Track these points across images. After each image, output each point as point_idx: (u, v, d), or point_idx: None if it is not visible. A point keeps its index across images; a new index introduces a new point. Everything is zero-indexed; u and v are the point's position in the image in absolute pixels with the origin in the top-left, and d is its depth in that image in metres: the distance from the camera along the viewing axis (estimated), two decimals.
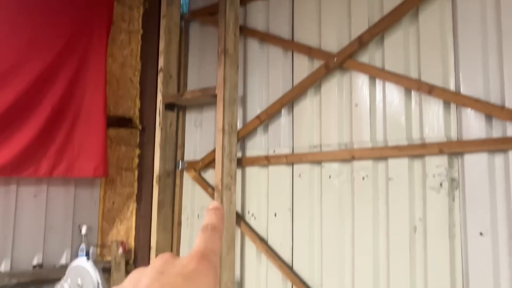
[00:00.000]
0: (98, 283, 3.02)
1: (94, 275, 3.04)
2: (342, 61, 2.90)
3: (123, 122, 3.72)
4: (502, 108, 2.35)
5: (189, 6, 4.01)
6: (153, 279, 0.39)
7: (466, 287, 2.37)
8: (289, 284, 3.01)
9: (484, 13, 2.48)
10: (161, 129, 3.55)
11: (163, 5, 3.68)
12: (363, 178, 2.78)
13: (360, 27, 2.88)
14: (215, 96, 3.24)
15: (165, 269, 0.40)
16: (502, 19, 2.41)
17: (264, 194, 3.21)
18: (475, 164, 2.42)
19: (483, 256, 2.34)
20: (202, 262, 0.40)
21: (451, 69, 2.56)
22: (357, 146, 2.83)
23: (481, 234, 2.36)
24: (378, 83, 2.80)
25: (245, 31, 3.47)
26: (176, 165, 3.71)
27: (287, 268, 2.99)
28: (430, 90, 2.56)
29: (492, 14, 2.46)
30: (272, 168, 3.20)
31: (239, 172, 3.31)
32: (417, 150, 2.57)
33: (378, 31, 2.79)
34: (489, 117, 2.41)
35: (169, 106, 3.62)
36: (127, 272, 3.52)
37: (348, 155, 2.82)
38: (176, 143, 3.72)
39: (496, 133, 2.38)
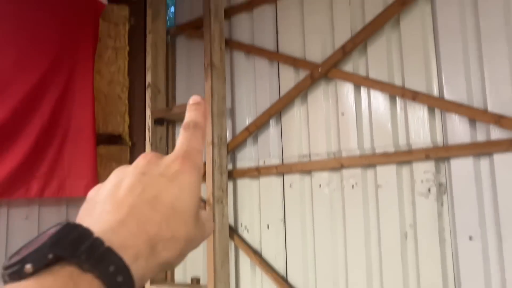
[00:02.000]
0: None
1: None
2: (326, 71, 2.92)
3: (113, 139, 3.72)
4: (485, 112, 2.37)
5: (175, 20, 4.03)
6: (136, 179, 0.37)
7: None
8: None
9: (463, 19, 2.51)
10: (151, 144, 3.55)
11: (149, 20, 3.69)
12: (353, 186, 2.79)
13: (343, 36, 2.91)
14: None
15: (148, 169, 0.38)
16: (481, 24, 2.44)
17: (256, 206, 3.22)
18: (462, 168, 2.43)
19: (474, 260, 2.35)
20: (185, 162, 0.39)
21: (434, 74, 2.59)
22: (346, 154, 2.84)
23: (470, 238, 2.37)
24: (363, 91, 2.82)
25: (231, 44, 3.49)
26: None
27: (282, 280, 2.99)
28: (414, 96, 2.58)
29: (471, 19, 2.49)
30: (263, 179, 3.20)
31: (230, 185, 3.31)
32: (404, 157, 2.59)
33: (360, 40, 2.81)
34: (473, 121, 2.43)
35: (158, 121, 3.62)
36: None
37: (337, 164, 2.83)
38: None
39: (481, 137, 2.40)
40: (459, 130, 2.47)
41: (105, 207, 0.36)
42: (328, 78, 2.97)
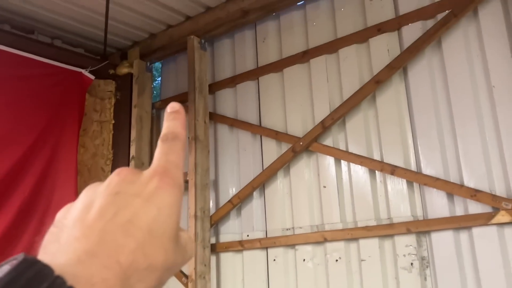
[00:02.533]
0: None
1: None
2: (307, 144, 3.01)
3: None
4: (461, 186, 2.44)
5: (160, 94, 4.15)
6: (108, 201, 0.33)
7: None
8: None
9: (435, 98, 2.65)
10: None
11: (135, 95, 3.80)
12: (337, 260, 2.78)
13: (322, 112, 3.03)
14: (186, 181, 3.27)
15: (121, 188, 0.34)
16: (452, 103, 2.58)
17: (240, 281, 3.16)
18: (442, 242, 2.47)
19: None
20: (163, 179, 0.34)
21: (411, 149, 2.68)
22: (328, 227, 2.86)
23: None
24: (344, 165, 2.90)
25: (215, 117, 3.59)
26: None
27: None
28: (393, 170, 2.66)
29: (443, 98, 2.63)
30: (246, 253, 3.17)
31: (213, 259, 3.27)
32: (386, 230, 2.62)
33: (339, 115, 2.93)
34: (450, 196, 2.50)
35: None
36: None
37: (320, 237, 2.84)
38: None
39: (459, 210, 2.46)
40: (438, 203, 2.53)
41: (73, 232, 0.32)
42: (309, 151, 3.05)
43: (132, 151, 3.64)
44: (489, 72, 2.49)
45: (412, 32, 2.78)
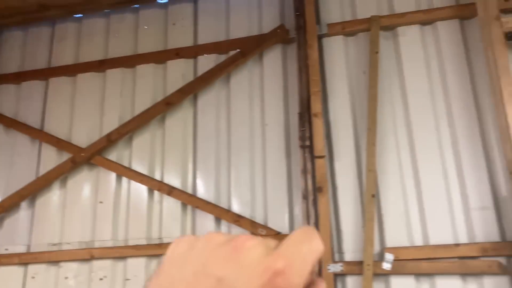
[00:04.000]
0: None
1: None
2: (90, 157, 2.87)
3: None
4: (228, 211, 2.62)
5: None
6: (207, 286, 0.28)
7: None
8: None
9: (218, 126, 2.82)
10: None
11: None
12: (101, 279, 2.67)
13: (110, 125, 2.94)
14: None
15: (227, 272, 0.29)
16: (232, 133, 2.78)
17: None
18: None
19: None
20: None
21: (190, 173, 2.78)
22: (98, 244, 2.74)
23: None
24: (125, 181, 2.84)
25: None
26: None
27: None
28: (170, 191, 2.71)
29: (224, 127, 2.81)
30: (1, 270, 2.82)
31: None
32: (154, 250, 2.63)
33: (126, 130, 2.88)
34: (218, 219, 2.65)
35: None
36: None
37: (87, 254, 2.70)
38: None
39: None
40: (206, 226, 2.65)
41: None
42: (91, 164, 2.91)
43: None
44: (265, 110, 2.77)
45: (207, 62, 2.94)
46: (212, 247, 0.32)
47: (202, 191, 2.73)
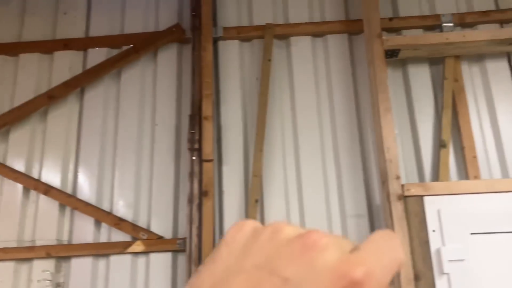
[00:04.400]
0: None
1: None
2: None
3: None
4: (109, 214, 2.50)
5: None
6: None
7: None
8: None
9: (105, 124, 2.69)
10: None
11: None
12: None
13: None
14: None
15: (294, 273, 0.26)
16: (119, 132, 2.66)
17: None
18: (81, 268, 2.44)
19: None
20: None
21: (71, 172, 2.62)
22: None
23: None
24: None
25: None
26: None
27: None
28: (47, 190, 2.54)
29: (112, 126, 2.69)
30: None
31: None
32: (25, 253, 2.44)
33: (3, 123, 2.65)
34: (98, 222, 2.52)
35: None
36: None
37: None
38: None
39: (104, 237, 2.50)
40: (85, 229, 2.52)
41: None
42: None
43: None
44: (156, 110, 2.69)
45: (98, 56, 2.79)
46: (280, 241, 0.28)
47: (83, 192, 2.58)
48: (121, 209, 2.54)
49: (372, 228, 2.41)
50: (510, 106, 2.53)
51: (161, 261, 2.44)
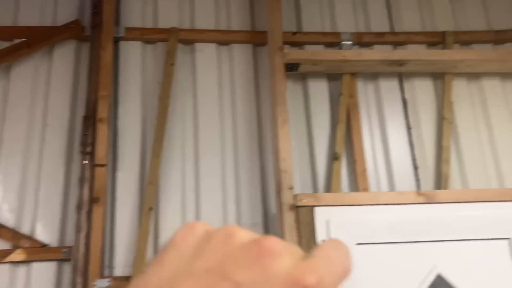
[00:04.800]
0: None
1: None
2: None
3: None
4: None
5: None
6: None
7: None
8: None
9: None
10: None
11: None
12: None
13: None
14: None
15: (245, 280, 0.25)
16: (4, 131, 2.46)
17: None
18: None
19: None
20: None
21: None
22: None
23: None
24: None
25: None
26: None
27: None
28: None
29: None
30: None
31: None
32: None
33: None
34: None
35: None
36: None
37: None
38: None
39: None
40: None
41: None
42: None
43: None
44: (48, 110, 2.53)
45: None
46: (234, 245, 0.27)
47: None
48: (3, 214, 2.34)
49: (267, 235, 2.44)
50: (399, 124, 2.70)
51: (44, 271, 2.28)
